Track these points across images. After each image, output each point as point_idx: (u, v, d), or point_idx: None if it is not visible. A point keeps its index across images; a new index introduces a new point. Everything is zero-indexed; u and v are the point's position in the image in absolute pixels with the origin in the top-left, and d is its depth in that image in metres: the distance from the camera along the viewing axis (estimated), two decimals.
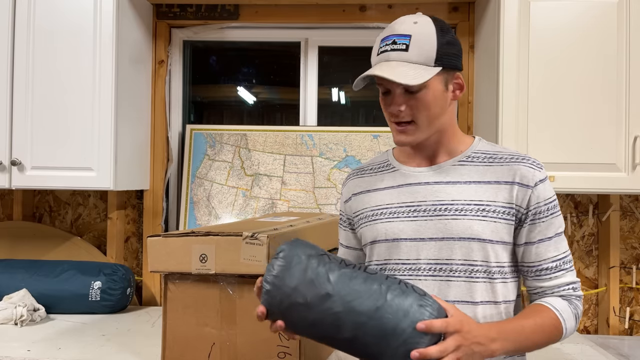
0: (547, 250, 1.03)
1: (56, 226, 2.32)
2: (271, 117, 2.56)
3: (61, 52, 1.90)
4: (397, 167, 1.14)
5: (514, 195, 1.02)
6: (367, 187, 1.16)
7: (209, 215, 2.20)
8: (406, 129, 1.04)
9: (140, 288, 2.26)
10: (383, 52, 1.03)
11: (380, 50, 1.04)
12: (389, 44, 1.02)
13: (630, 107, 1.74)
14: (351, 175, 1.22)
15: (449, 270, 1.03)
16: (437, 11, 2.15)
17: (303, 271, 0.93)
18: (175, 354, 1.42)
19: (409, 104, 1.02)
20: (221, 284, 1.39)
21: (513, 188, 1.02)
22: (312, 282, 0.91)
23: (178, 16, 2.23)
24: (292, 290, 0.92)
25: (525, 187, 1.02)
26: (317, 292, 0.91)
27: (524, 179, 1.02)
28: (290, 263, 0.93)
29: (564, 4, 1.76)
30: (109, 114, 1.89)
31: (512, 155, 1.06)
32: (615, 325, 2.05)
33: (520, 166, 1.03)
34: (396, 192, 1.10)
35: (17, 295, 1.90)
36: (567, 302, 1.02)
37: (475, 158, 1.07)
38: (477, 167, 1.06)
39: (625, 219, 2.12)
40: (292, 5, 2.18)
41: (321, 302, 0.90)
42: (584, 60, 1.76)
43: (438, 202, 1.05)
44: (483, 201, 1.02)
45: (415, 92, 1.01)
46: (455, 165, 1.07)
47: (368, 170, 1.19)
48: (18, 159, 1.90)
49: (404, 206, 1.07)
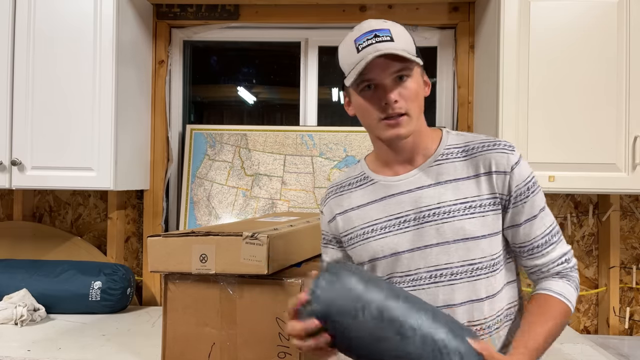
0: (534, 229, 1.04)
1: (56, 226, 2.33)
2: (271, 117, 2.56)
3: (62, 52, 1.90)
4: (375, 178, 1.12)
5: (494, 185, 1.02)
6: (349, 204, 1.13)
7: (209, 215, 2.20)
8: (400, 121, 1.01)
9: (140, 288, 2.26)
10: (367, 45, 0.98)
11: (361, 46, 0.99)
12: (370, 38, 0.99)
13: (630, 107, 1.74)
14: (330, 193, 1.19)
15: (450, 274, 1.02)
16: (437, 11, 2.15)
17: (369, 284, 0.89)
18: (175, 354, 1.42)
19: (401, 94, 1.00)
20: (221, 284, 1.39)
21: (491, 177, 1.02)
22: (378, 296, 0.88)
23: (178, 16, 2.23)
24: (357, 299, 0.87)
25: (503, 173, 1.02)
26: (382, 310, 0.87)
27: (500, 165, 1.02)
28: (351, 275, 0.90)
29: (564, 4, 1.76)
30: (109, 114, 1.89)
31: (482, 143, 1.05)
32: (615, 325, 2.05)
33: (493, 154, 1.02)
34: (381, 206, 1.08)
35: (17, 295, 1.90)
36: (565, 279, 1.05)
37: (449, 154, 1.06)
38: (453, 164, 1.05)
39: (625, 219, 2.12)
40: (292, 5, 2.18)
41: (389, 325, 0.86)
42: (584, 60, 1.76)
43: (425, 207, 1.04)
44: (468, 198, 1.02)
45: (405, 82, 1.00)
46: (432, 166, 1.06)
47: (347, 187, 1.16)
48: (18, 159, 1.90)
49: (393, 219, 1.06)
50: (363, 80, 1.01)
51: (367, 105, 1.03)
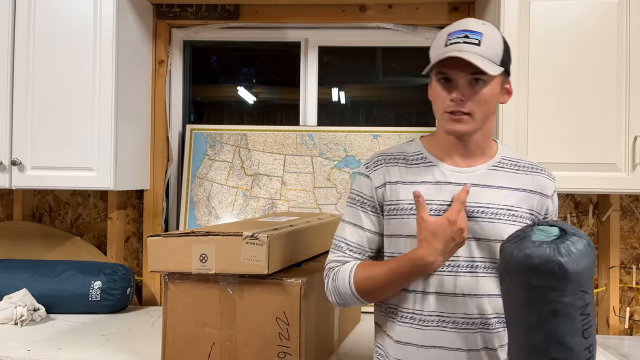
0: None
1: (56, 226, 2.32)
2: (271, 117, 2.56)
3: (62, 52, 1.90)
4: (435, 162, 1.16)
5: (535, 203, 1.14)
6: (403, 178, 1.16)
7: (209, 215, 2.20)
8: (462, 119, 1.08)
9: (140, 288, 2.26)
10: (454, 43, 1.05)
11: (450, 41, 1.06)
12: (460, 37, 1.06)
13: (630, 107, 1.74)
14: (382, 160, 1.19)
15: (483, 267, 1.11)
16: (437, 11, 2.15)
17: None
18: (175, 354, 1.42)
19: (470, 96, 1.06)
20: (221, 284, 1.39)
21: (535, 197, 1.15)
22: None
23: (178, 16, 2.23)
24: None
25: (545, 196, 1.16)
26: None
27: (545, 189, 1.16)
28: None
29: (564, 4, 1.76)
30: (109, 114, 1.89)
31: (531, 165, 1.19)
32: (615, 325, 2.05)
33: (540, 177, 1.17)
34: (435, 189, 1.13)
35: (17, 295, 1.90)
36: None
37: (504, 164, 1.17)
38: (506, 174, 1.15)
39: (625, 219, 2.12)
40: (292, 5, 2.18)
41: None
42: (584, 61, 1.75)
43: (476, 204, 1.11)
44: (513, 207, 1.12)
45: (479, 86, 1.06)
46: (490, 170, 1.15)
47: (402, 160, 1.18)
48: (18, 159, 1.90)
49: (445, 204, 1.11)
50: (440, 72, 1.08)
51: (438, 95, 1.10)
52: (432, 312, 1.11)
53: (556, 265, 0.88)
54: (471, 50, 1.04)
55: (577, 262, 0.89)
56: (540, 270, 0.89)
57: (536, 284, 0.90)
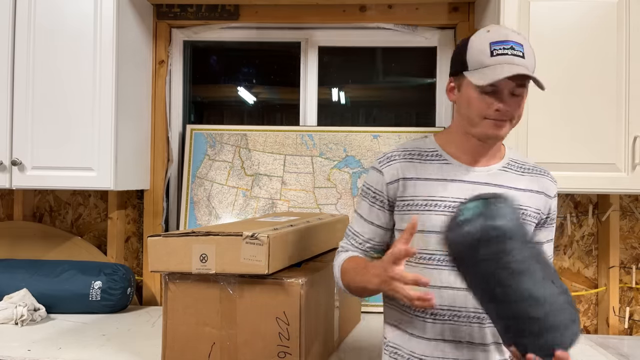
0: (548, 249, 1.24)
1: (56, 226, 2.33)
2: (271, 117, 2.56)
3: (62, 52, 1.90)
4: (450, 160, 1.19)
5: (540, 204, 1.19)
6: (417, 174, 1.18)
7: (209, 215, 2.20)
8: (503, 124, 1.11)
9: (140, 288, 2.26)
10: (503, 54, 1.07)
11: (497, 52, 1.08)
12: (507, 49, 1.07)
13: (630, 107, 1.74)
14: (396, 155, 1.21)
15: None
16: (437, 11, 2.16)
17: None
18: (176, 354, 1.42)
19: (512, 103, 1.10)
20: (221, 284, 1.39)
21: (540, 197, 1.19)
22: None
23: (178, 16, 2.23)
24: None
25: (548, 197, 1.21)
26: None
27: (548, 190, 1.21)
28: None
29: (564, 5, 1.76)
30: (109, 114, 1.89)
31: (536, 167, 1.24)
32: (615, 325, 2.05)
33: (545, 179, 1.22)
34: (450, 186, 1.15)
35: (18, 295, 1.90)
36: None
37: (512, 166, 1.21)
38: (515, 175, 1.20)
39: (625, 219, 2.12)
40: (292, 5, 2.18)
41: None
42: (584, 60, 1.76)
43: None
44: (522, 206, 1.16)
45: (518, 94, 1.09)
46: (501, 170, 1.19)
47: (417, 156, 1.20)
48: (18, 159, 1.90)
49: (459, 201, 1.13)
50: (489, 84, 1.08)
51: (479, 102, 1.11)
52: (443, 306, 1.14)
53: (494, 230, 0.91)
54: (520, 63, 1.07)
55: (510, 218, 0.92)
56: (483, 241, 0.92)
57: (485, 255, 0.92)
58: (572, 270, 2.14)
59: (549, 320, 0.90)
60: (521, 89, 1.10)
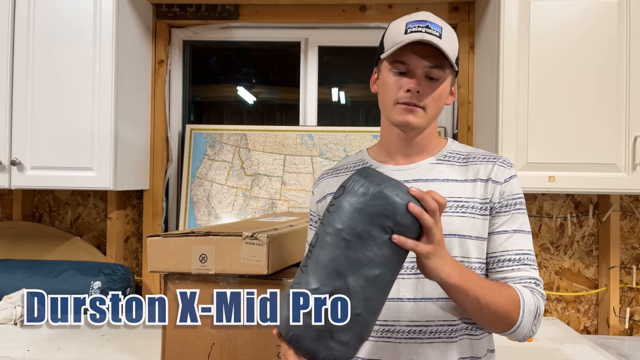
0: (509, 242, 1.04)
1: (56, 226, 2.32)
2: (271, 117, 2.56)
3: (61, 52, 1.90)
4: (375, 165, 1.12)
5: (488, 191, 1.05)
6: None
7: (209, 215, 2.19)
8: (416, 110, 1.03)
9: (140, 288, 2.26)
10: (416, 31, 1.01)
11: (410, 29, 1.02)
12: (422, 27, 1.01)
13: (630, 107, 1.74)
14: (325, 175, 1.19)
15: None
16: (437, 11, 2.14)
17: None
18: (175, 354, 1.42)
19: (426, 90, 1.02)
20: (221, 284, 1.39)
21: (487, 184, 1.05)
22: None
23: (178, 16, 2.23)
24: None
25: (496, 183, 1.05)
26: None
27: (496, 176, 1.06)
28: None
29: (564, 4, 1.76)
30: (109, 114, 1.89)
31: (484, 155, 1.10)
32: (615, 326, 2.05)
33: (491, 165, 1.07)
34: None
35: (17, 295, 1.90)
36: (531, 293, 1.00)
37: (451, 157, 1.10)
38: (453, 167, 1.09)
39: (625, 219, 2.12)
40: (292, 5, 2.18)
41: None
42: (584, 60, 1.75)
43: None
44: (462, 198, 1.04)
45: (434, 82, 1.03)
46: (434, 164, 1.09)
47: (343, 170, 1.16)
48: (18, 159, 1.89)
49: None
50: (397, 60, 1.03)
51: (391, 85, 1.04)
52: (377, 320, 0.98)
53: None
54: (433, 40, 0.99)
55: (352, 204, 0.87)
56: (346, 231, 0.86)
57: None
58: (572, 271, 2.14)
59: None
60: (438, 71, 1.02)
